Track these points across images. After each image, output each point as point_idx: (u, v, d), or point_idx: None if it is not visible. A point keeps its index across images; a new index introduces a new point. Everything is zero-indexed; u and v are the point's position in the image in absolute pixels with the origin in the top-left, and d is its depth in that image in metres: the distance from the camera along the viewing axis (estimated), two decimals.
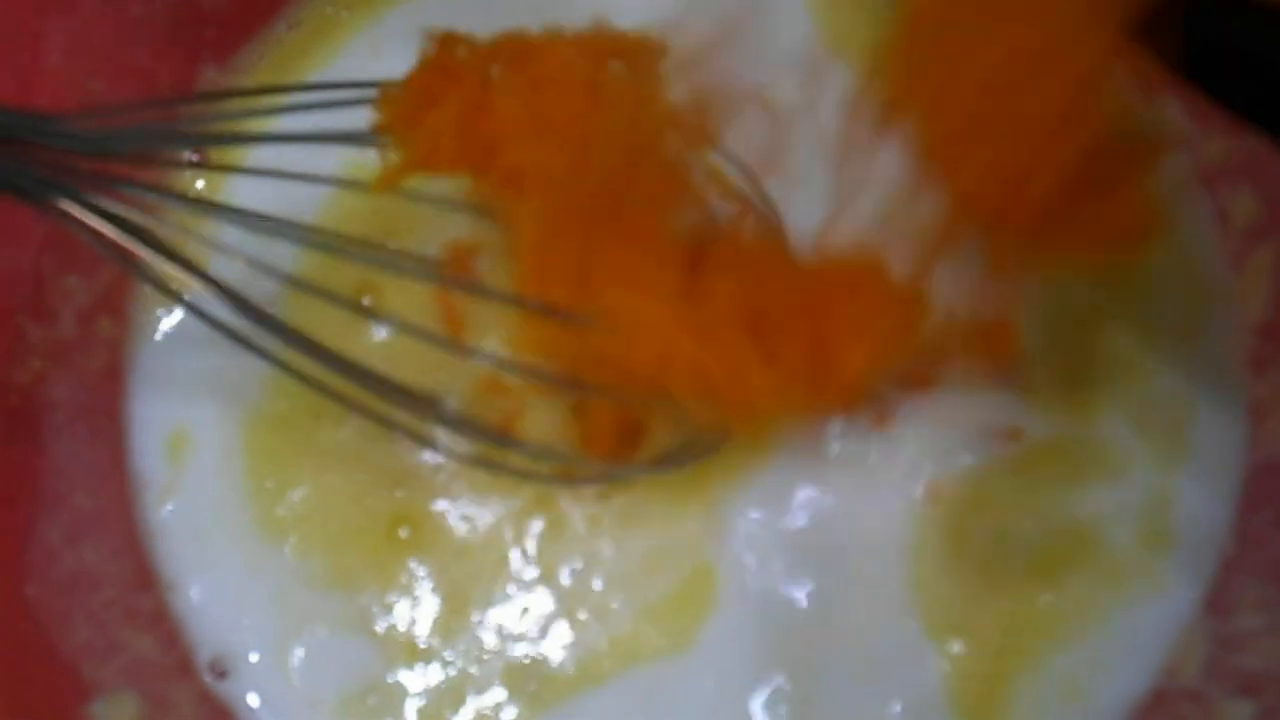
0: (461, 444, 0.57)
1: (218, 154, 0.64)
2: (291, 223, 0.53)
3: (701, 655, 0.55)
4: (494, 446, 0.56)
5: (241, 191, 0.62)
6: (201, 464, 0.60)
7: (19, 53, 0.58)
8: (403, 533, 0.58)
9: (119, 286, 0.63)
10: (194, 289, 0.50)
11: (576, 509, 0.57)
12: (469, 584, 0.57)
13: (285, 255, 0.58)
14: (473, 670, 0.56)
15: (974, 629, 0.55)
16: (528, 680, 0.55)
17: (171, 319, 0.63)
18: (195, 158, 0.64)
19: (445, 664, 0.56)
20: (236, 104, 0.61)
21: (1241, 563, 0.56)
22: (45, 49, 0.58)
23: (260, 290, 0.52)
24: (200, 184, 0.64)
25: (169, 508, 0.60)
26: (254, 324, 0.51)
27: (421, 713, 0.56)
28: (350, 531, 0.58)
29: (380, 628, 0.57)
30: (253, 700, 0.57)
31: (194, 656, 0.58)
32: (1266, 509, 0.58)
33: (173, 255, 0.49)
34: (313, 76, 0.65)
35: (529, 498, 0.58)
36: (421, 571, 0.57)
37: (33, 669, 0.54)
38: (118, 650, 0.57)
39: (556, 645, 0.56)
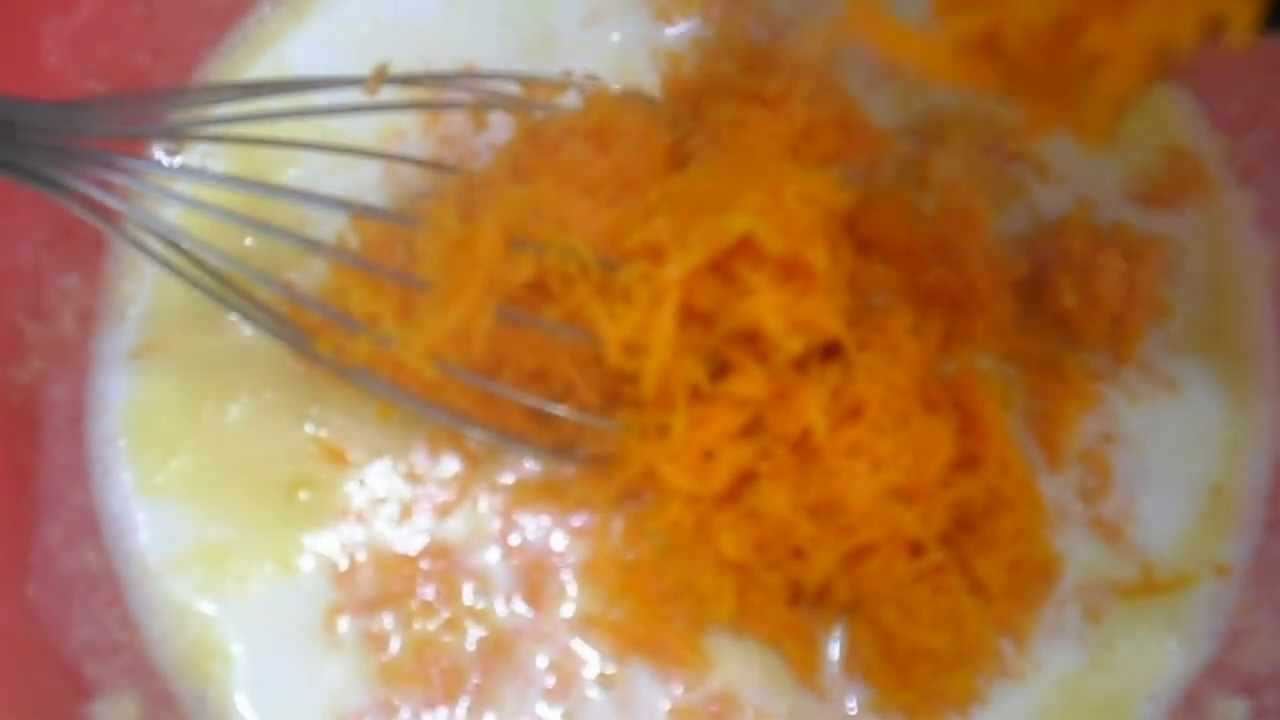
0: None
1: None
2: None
3: None
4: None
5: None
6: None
7: (19, 53, 0.58)
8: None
9: (110, 281, 0.63)
10: (173, 254, 0.53)
11: None
12: None
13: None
14: None
15: None
16: None
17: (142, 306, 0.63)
18: (174, 149, 0.65)
19: None
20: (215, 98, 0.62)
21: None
22: (45, 49, 0.59)
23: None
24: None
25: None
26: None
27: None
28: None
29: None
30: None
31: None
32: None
33: (152, 227, 0.52)
34: (291, 52, 0.67)
35: None
36: None
37: (33, 669, 0.54)
38: (118, 650, 0.57)
39: None
